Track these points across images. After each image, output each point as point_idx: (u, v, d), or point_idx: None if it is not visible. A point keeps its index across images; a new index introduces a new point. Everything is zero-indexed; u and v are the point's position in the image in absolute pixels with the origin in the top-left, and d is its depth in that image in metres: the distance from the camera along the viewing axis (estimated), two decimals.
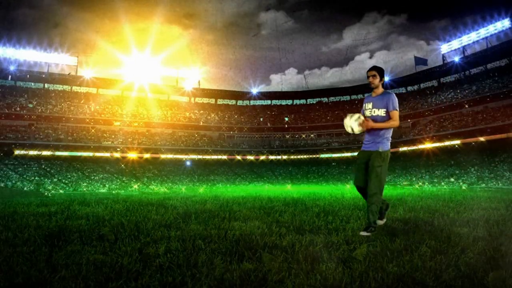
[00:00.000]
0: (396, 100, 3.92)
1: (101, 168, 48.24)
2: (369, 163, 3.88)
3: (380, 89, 4.01)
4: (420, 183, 38.38)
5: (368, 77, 4.04)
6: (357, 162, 4.06)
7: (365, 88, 65.75)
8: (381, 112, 3.91)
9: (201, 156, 56.35)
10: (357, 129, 3.88)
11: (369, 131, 3.95)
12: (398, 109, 3.92)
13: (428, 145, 47.58)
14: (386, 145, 3.91)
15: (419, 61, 58.55)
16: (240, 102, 69.96)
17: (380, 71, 3.99)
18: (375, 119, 3.92)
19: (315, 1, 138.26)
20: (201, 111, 64.61)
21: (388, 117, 3.91)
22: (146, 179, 48.03)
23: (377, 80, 3.98)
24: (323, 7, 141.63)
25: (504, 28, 48.06)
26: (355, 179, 4.06)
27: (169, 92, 64.63)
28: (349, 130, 3.94)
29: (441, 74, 56.48)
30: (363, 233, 3.65)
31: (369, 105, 4.01)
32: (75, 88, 58.87)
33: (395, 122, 3.87)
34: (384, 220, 4.04)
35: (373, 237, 3.61)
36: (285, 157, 60.77)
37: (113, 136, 53.68)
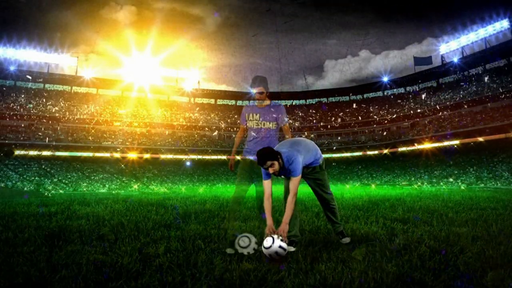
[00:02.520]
0: (285, 111, 3.66)
1: (101, 168, 48.20)
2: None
3: (267, 100, 3.69)
4: (419, 183, 38.35)
5: (266, 169, 3.31)
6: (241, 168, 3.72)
7: (365, 88, 65.85)
8: (271, 125, 3.65)
9: (201, 156, 56.34)
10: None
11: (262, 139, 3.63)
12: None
13: (427, 145, 47.61)
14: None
15: (419, 61, 58.50)
16: (240, 102, 69.95)
17: (266, 83, 3.67)
18: (261, 131, 3.65)
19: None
20: (201, 111, 64.64)
21: (276, 130, 3.66)
22: (146, 179, 48.01)
23: (264, 95, 3.64)
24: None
25: (503, 29, 48.05)
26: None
27: (169, 92, 64.63)
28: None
29: (440, 74, 56.51)
30: (345, 240, 3.49)
31: (256, 116, 3.66)
32: (75, 89, 58.83)
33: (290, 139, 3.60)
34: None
35: (372, 237, 3.62)
36: None
37: (113, 136, 53.66)
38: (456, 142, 45.02)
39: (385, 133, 57.27)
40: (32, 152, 44.99)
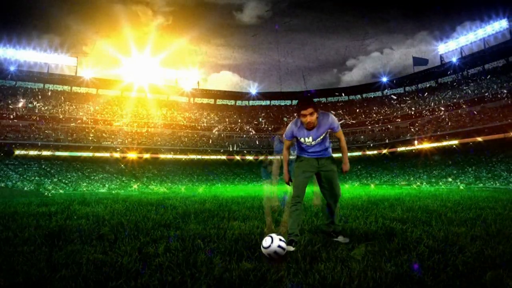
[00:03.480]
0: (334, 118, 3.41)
1: (101, 168, 48.17)
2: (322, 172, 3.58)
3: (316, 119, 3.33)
4: (418, 183, 38.36)
5: (303, 116, 3.20)
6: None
7: (364, 88, 65.85)
8: (323, 137, 3.46)
9: (201, 156, 56.32)
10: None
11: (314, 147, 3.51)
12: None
13: (426, 145, 47.61)
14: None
15: (417, 61, 58.55)
16: (239, 103, 69.95)
17: (314, 103, 3.22)
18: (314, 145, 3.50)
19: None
20: (201, 111, 64.61)
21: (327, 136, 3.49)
22: (145, 179, 47.98)
23: (315, 116, 3.22)
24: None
25: (501, 29, 48.06)
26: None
27: (168, 92, 64.62)
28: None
29: (439, 74, 56.53)
30: (344, 239, 3.49)
31: (309, 139, 3.41)
32: (75, 89, 58.81)
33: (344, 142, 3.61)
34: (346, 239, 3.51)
35: (371, 236, 3.63)
36: None
37: (112, 136, 53.62)
38: (455, 142, 45.04)
39: (384, 133, 57.28)
40: (32, 152, 44.95)
